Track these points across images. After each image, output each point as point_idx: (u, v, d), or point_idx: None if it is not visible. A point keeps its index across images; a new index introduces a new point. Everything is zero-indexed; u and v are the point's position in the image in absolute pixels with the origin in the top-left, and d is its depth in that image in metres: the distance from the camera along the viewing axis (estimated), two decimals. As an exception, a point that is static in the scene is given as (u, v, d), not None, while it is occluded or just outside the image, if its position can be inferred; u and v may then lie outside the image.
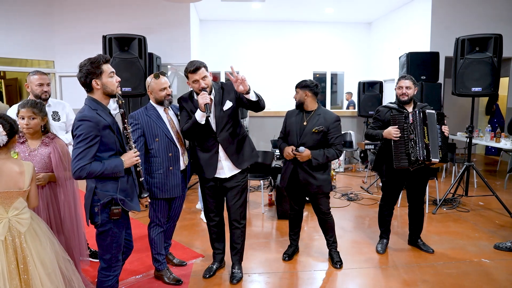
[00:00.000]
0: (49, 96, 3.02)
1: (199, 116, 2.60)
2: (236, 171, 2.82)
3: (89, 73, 2.05)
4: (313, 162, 2.99)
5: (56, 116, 3.01)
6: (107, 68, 2.10)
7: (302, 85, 3.07)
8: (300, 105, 3.10)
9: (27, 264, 1.94)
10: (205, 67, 2.66)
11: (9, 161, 1.99)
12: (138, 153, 2.20)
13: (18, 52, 6.60)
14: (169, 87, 2.82)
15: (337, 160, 6.46)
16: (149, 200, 2.73)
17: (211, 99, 2.62)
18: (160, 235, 2.91)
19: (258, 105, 2.66)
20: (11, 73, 8.15)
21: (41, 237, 2.05)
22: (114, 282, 2.27)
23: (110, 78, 2.10)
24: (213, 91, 2.74)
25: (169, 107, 2.87)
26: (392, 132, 3.17)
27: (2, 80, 8.45)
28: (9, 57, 6.59)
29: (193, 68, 2.60)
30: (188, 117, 2.73)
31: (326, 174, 3.10)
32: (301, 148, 2.98)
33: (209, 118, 2.67)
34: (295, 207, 3.32)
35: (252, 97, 2.59)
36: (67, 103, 3.23)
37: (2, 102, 8.35)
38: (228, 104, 2.74)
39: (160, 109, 2.82)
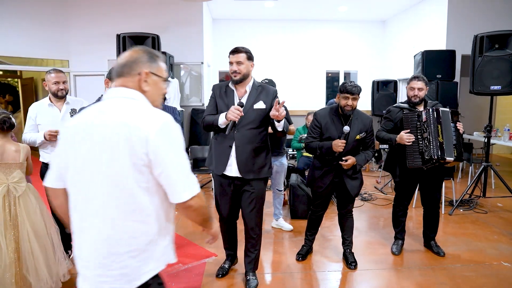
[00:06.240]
0: (66, 93, 3.10)
1: (222, 121, 2.58)
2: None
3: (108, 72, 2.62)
4: (358, 167, 2.99)
5: (74, 113, 3.06)
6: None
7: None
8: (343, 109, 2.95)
9: (17, 220, 2.48)
10: (247, 53, 2.63)
11: (8, 142, 2.57)
12: None
13: (34, 52, 6.68)
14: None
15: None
16: None
17: (238, 118, 2.51)
18: None
19: (280, 133, 2.66)
20: (27, 72, 8.30)
21: (33, 202, 2.59)
22: None
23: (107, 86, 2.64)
24: (250, 84, 2.69)
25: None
26: (404, 137, 3.09)
27: (19, 80, 8.61)
28: (25, 56, 6.69)
29: (233, 49, 2.62)
30: (214, 106, 2.72)
31: (360, 175, 3.11)
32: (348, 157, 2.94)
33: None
34: (319, 210, 3.24)
35: (279, 127, 2.60)
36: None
37: (19, 101, 8.53)
38: (260, 104, 2.65)
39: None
